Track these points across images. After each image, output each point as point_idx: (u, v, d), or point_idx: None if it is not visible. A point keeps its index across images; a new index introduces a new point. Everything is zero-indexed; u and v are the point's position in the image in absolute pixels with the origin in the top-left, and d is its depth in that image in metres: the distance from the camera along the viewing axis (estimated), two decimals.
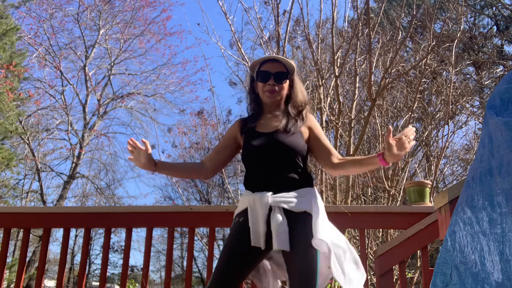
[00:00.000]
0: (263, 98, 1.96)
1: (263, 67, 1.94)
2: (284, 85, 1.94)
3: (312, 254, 1.68)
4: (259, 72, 1.94)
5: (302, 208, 1.77)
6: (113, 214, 2.86)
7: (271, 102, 1.94)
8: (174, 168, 2.09)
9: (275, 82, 1.91)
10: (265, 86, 1.92)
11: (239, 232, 1.81)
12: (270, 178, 1.82)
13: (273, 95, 1.91)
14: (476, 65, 10.67)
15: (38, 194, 15.26)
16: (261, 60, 1.96)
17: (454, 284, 0.87)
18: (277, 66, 1.92)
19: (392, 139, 1.65)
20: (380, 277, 2.51)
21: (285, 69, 1.93)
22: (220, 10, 5.29)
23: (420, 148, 6.83)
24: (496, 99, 0.87)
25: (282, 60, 1.93)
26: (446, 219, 1.88)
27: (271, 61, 1.94)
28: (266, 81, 1.91)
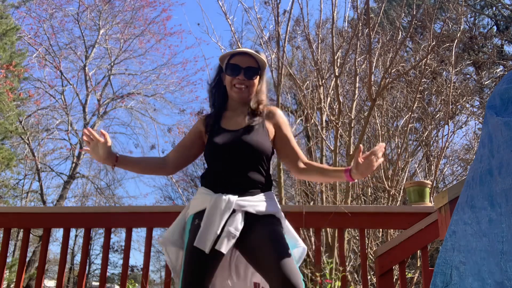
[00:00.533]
0: (230, 93, 1.84)
1: (233, 59, 1.81)
2: (254, 81, 1.82)
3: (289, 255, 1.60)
4: (228, 65, 1.81)
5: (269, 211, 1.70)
6: (113, 214, 2.86)
7: (239, 98, 1.82)
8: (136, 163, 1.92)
9: (245, 77, 1.79)
10: (233, 79, 1.80)
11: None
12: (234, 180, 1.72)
13: (241, 91, 1.80)
14: (476, 65, 10.67)
15: (38, 194, 15.27)
16: (232, 52, 1.83)
17: (454, 284, 0.87)
18: (248, 61, 1.80)
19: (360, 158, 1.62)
20: (380, 277, 2.51)
21: (256, 64, 1.81)
22: (220, 10, 5.30)
23: (420, 148, 6.84)
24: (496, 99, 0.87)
25: (253, 55, 1.80)
26: (446, 219, 1.88)
27: (242, 55, 1.81)
28: (236, 75, 1.79)
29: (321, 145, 5.66)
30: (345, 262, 2.72)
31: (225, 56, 1.85)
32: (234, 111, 1.86)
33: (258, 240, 1.63)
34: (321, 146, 5.70)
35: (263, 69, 1.86)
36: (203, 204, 1.70)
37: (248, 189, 1.71)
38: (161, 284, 19.67)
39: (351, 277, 5.05)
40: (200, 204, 1.72)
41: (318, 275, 2.58)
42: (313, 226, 2.99)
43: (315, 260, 2.72)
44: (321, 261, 2.76)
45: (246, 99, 1.84)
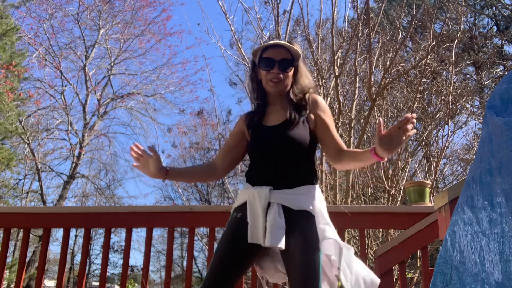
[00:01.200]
0: (266, 87, 1.80)
1: (266, 53, 1.78)
2: (289, 73, 1.78)
3: (314, 256, 1.58)
4: (261, 59, 1.78)
5: (301, 206, 1.66)
6: (113, 214, 2.86)
7: (275, 91, 1.79)
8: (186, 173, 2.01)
9: (280, 70, 1.75)
10: (268, 74, 1.76)
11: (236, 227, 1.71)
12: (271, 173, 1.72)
13: (277, 84, 1.77)
14: (476, 65, 10.67)
15: (38, 194, 15.26)
16: (264, 45, 1.80)
17: (454, 284, 0.87)
18: (282, 53, 1.77)
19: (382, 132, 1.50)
20: (380, 277, 2.51)
21: (290, 55, 1.78)
22: (220, 10, 5.29)
23: (420, 148, 6.84)
24: (496, 99, 0.87)
25: (286, 46, 1.77)
26: (446, 219, 1.88)
27: (275, 47, 1.79)
28: (270, 68, 1.75)
29: None
30: None
31: (257, 50, 1.83)
32: (274, 105, 1.84)
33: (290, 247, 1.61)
34: None
35: (297, 59, 1.81)
36: (243, 198, 1.74)
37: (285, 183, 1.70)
38: (161, 284, 19.66)
39: None
40: (240, 198, 1.77)
41: None
42: None
43: None
44: None
45: (283, 91, 1.80)
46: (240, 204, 1.75)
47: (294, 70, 1.82)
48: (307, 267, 1.56)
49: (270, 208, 1.64)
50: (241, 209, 1.74)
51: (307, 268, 1.56)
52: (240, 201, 1.76)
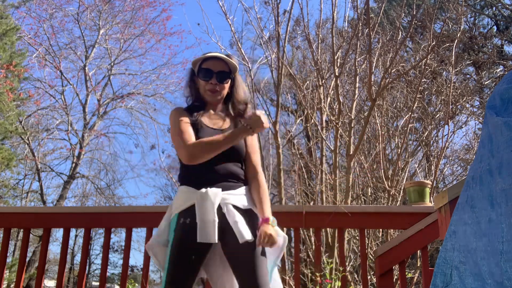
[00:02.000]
0: (204, 95, 1.93)
1: (205, 64, 1.91)
2: (225, 85, 1.92)
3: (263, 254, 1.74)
4: (201, 69, 1.91)
5: (247, 206, 1.80)
6: (113, 214, 2.86)
7: (212, 101, 1.93)
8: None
9: (217, 81, 1.89)
10: (207, 84, 1.90)
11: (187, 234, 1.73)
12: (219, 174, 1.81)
13: (214, 94, 1.90)
14: (476, 65, 10.67)
15: (38, 194, 15.27)
16: (204, 57, 1.92)
17: (454, 284, 0.87)
18: (220, 65, 1.90)
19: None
20: (380, 277, 2.51)
21: (227, 68, 1.92)
22: (220, 10, 5.30)
23: (420, 148, 6.84)
24: (496, 99, 0.87)
25: (224, 59, 1.90)
26: (446, 219, 1.88)
27: (214, 59, 1.91)
28: (208, 79, 1.89)
29: (321, 145, 5.66)
30: (345, 262, 2.72)
31: (197, 61, 1.94)
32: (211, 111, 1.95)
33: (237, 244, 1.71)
34: (321, 146, 5.70)
35: (234, 72, 1.96)
36: (188, 201, 1.77)
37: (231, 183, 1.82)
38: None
39: (351, 277, 5.05)
40: (184, 202, 1.78)
41: (318, 275, 2.59)
42: (313, 226, 2.99)
43: (315, 260, 2.72)
44: (321, 261, 2.76)
45: (219, 101, 1.95)
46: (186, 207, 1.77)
47: (231, 82, 1.96)
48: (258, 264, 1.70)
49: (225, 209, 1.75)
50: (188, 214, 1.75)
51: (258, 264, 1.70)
52: (185, 205, 1.77)
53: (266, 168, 5.51)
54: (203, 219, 1.70)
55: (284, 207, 3.52)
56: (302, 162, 6.15)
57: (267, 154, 6.22)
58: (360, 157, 5.47)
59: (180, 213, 1.78)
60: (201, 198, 1.73)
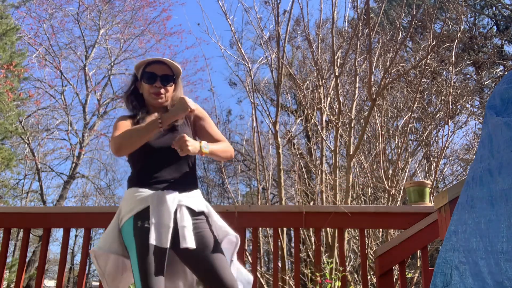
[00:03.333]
0: (148, 99, 1.92)
1: (149, 68, 1.91)
2: (169, 88, 1.92)
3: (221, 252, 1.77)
4: (144, 73, 1.91)
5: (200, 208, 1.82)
6: (113, 214, 2.85)
7: (156, 104, 1.91)
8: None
9: (161, 84, 1.89)
10: (151, 87, 1.89)
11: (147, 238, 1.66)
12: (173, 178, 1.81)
13: (159, 97, 1.89)
14: (476, 65, 10.67)
15: (38, 194, 15.27)
16: (147, 60, 1.93)
17: (454, 284, 0.87)
18: (164, 68, 1.91)
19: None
20: (380, 277, 2.51)
21: (171, 72, 1.93)
22: (220, 10, 5.29)
23: (420, 148, 6.84)
24: (496, 99, 0.87)
25: (168, 63, 1.92)
26: (446, 219, 1.88)
27: (157, 63, 1.92)
28: (153, 82, 1.89)
29: (321, 145, 5.66)
30: (345, 262, 2.72)
31: (140, 65, 1.95)
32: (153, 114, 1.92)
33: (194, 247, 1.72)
34: (321, 146, 5.70)
35: (178, 76, 1.98)
36: (142, 203, 1.73)
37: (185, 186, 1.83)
38: None
39: (351, 277, 5.05)
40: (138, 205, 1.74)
41: (318, 275, 2.59)
42: (313, 226, 3.00)
43: (315, 260, 2.72)
44: (321, 261, 2.76)
45: (163, 104, 1.93)
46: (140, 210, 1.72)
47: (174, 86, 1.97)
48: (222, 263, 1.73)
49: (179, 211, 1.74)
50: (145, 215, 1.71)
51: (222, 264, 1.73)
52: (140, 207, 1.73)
53: (266, 168, 5.51)
54: (159, 222, 1.67)
55: (284, 207, 3.52)
56: (302, 162, 6.15)
57: (267, 154, 6.22)
58: (360, 157, 5.47)
59: (135, 216, 1.72)
60: (158, 200, 1.71)
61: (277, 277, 2.57)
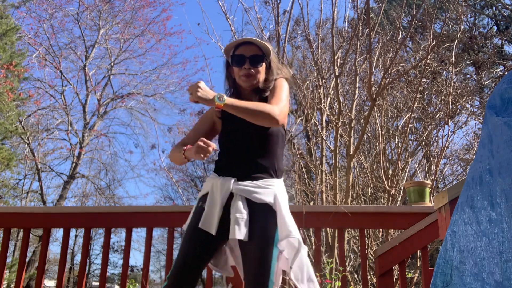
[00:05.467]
0: (239, 82, 1.86)
1: (237, 50, 1.84)
2: (259, 68, 1.84)
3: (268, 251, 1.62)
4: (233, 56, 1.85)
5: (263, 200, 1.69)
6: (113, 214, 2.86)
7: (247, 86, 1.85)
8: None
9: (251, 65, 1.82)
10: (240, 70, 1.83)
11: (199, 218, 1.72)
12: (236, 164, 1.77)
13: (248, 79, 1.82)
14: (476, 65, 10.67)
15: (38, 194, 15.26)
16: (235, 43, 1.86)
17: (454, 284, 0.87)
18: (252, 49, 1.83)
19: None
20: (380, 277, 2.51)
21: (260, 51, 1.84)
22: (220, 10, 5.30)
23: (420, 148, 6.84)
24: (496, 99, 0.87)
25: (257, 42, 1.84)
26: (446, 219, 1.88)
27: (245, 44, 1.84)
28: (242, 65, 1.82)
29: (321, 145, 5.66)
30: (345, 262, 2.72)
31: (229, 48, 1.88)
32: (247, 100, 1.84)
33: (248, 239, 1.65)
34: (321, 146, 5.70)
35: (268, 55, 1.88)
36: (207, 187, 1.77)
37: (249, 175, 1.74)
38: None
39: (351, 277, 5.05)
40: (205, 187, 1.79)
41: (318, 275, 2.58)
42: (313, 226, 2.99)
43: (315, 260, 2.72)
44: (321, 261, 2.76)
45: (255, 86, 1.85)
46: (204, 193, 1.78)
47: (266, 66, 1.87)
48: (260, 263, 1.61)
49: (233, 200, 1.69)
50: (204, 198, 1.76)
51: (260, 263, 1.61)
52: (205, 190, 1.78)
53: None
54: (209, 206, 1.70)
55: None
56: (302, 162, 6.15)
57: None
58: (360, 157, 5.47)
59: (200, 197, 1.80)
60: (215, 186, 1.73)
61: None
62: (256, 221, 1.66)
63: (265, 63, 1.86)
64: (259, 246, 1.63)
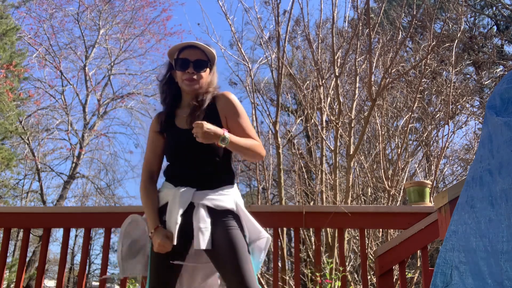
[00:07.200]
0: (181, 86, 1.84)
1: (182, 54, 1.81)
2: (203, 73, 1.81)
3: (246, 253, 1.64)
4: (177, 60, 1.82)
5: (224, 207, 1.70)
6: (113, 214, 2.86)
7: (190, 90, 1.82)
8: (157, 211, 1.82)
9: (194, 70, 1.79)
10: (184, 74, 1.80)
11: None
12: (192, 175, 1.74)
13: (191, 83, 1.79)
14: (476, 65, 10.66)
15: (38, 194, 15.27)
16: (179, 46, 1.83)
17: (454, 284, 0.87)
18: (197, 53, 1.81)
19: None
20: (380, 277, 2.51)
21: (205, 57, 1.83)
22: (220, 10, 5.30)
23: (420, 148, 6.84)
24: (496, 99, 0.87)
25: (201, 47, 1.81)
26: (446, 219, 1.88)
27: (190, 48, 1.82)
28: (185, 69, 1.79)
29: (321, 145, 5.66)
30: (345, 262, 2.72)
31: (173, 51, 1.86)
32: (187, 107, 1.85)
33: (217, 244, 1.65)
34: (321, 146, 5.70)
35: (213, 61, 1.87)
36: (165, 198, 1.76)
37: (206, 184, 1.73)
38: None
39: (351, 277, 5.05)
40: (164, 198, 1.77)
41: (318, 275, 2.58)
42: (313, 226, 2.99)
43: (315, 260, 2.72)
44: (321, 261, 2.76)
45: (198, 91, 1.83)
46: (162, 205, 1.77)
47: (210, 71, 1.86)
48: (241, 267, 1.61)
49: (195, 210, 1.68)
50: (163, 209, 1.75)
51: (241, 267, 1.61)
52: (163, 202, 1.77)
53: (266, 168, 5.51)
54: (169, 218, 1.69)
55: (284, 207, 3.52)
56: (302, 162, 6.15)
57: (267, 154, 6.22)
58: (360, 157, 5.47)
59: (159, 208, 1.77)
60: (173, 197, 1.71)
61: (277, 277, 2.57)
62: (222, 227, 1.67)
63: (208, 68, 1.84)
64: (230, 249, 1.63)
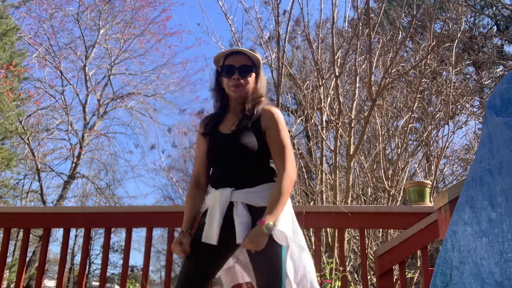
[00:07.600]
0: (228, 92, 1.87)
1: (227, 60, 1.85)
2: (249, 79, 1.84)
3: (276, 252, 1.63)
4: (223, 67, 1.85)
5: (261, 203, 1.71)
6: (113, 214, 2.86)
7: (237, 96, 1.85)
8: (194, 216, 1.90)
9: (240, 76, 1.82)
10: (230, 81, 1.82)
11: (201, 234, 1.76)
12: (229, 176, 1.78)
13: (238, 89, 1.82)
14: (476, 65, 10.66)
15: (38, 194, 15.26)
16: (225, 53, 1.87)
17: (454, 284, 0.87)
18: (242, 59, 1.84)
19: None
20: (380, 277, 2.51)
21: (250, 62, 1.85)
22: (220, 10, 5.30)
23: (420, 148, 6.84)
24: (496, 99, 0.87)
25: (246, 53, 1.85)
26: (446, 219, 1.88)
27: (235, 54, 1.85)
28: (231, 75, 1.82)
29: (321, 145, 5.66)
30: (345, 262, 2.72)
31: (219, 58, 1.89)
32: (234, 112, 1.90)
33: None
34: (321, 146, 5.70)
35: (258, 66, 1.89)
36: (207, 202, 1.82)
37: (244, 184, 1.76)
38: (161, 284, 19.65)
39: (351, 277, 5.05)
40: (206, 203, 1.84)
41: (318, 275, 2.58)
42: (313, 226, 2.99)
43: (315, 260, 2.72)
44: (321, 261, 2.76)
45: (244, 96, 1.86)
46: (206, 209, 1.83)
47: (256, 76, 1.89)
48: (269, 267, 1.62)
49: (234, 208, 1.72)
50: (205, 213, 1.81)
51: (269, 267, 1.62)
52: (206, 206, 1.83)
53: None
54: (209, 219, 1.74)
55: None
56: (302, 162, 6.14)
57: None
58: (360, 157, 5.47)
59: (203, 213, 1.85)
60: (213, 198, 1.76)
61: None
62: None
63: (254, 73, 1.87)
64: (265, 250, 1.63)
